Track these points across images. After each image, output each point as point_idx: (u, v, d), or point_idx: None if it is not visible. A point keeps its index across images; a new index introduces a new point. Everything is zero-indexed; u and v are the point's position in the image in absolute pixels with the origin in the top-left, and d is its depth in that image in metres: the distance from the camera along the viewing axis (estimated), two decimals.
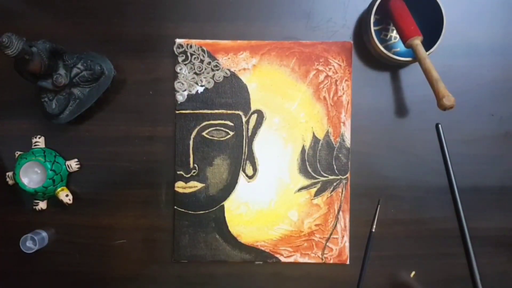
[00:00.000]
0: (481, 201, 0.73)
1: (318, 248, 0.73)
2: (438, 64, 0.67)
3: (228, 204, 0.73)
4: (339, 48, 0.72)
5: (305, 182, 0.72)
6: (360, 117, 0.73)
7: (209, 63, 0.72)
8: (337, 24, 0.72)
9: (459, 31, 0.72)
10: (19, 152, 0.73)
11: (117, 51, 0.72)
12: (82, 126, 0.73)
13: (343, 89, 0.72)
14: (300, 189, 0.72)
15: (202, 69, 0.72)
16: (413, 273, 0.74)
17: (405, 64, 0.71)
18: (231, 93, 0.72)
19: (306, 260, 0.73)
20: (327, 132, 0.72)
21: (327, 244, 0.73)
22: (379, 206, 0.73)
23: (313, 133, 0.72)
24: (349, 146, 0.72)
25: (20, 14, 0.73)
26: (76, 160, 0.73)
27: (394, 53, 0.69)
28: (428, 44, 0.66)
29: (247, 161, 0.72)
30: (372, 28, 0.66)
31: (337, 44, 0.72)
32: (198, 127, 0.72)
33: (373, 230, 0.73)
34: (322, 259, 0.73)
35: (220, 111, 0.72)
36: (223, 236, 0.72)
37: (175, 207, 0.72)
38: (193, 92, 0.72)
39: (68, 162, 0.72)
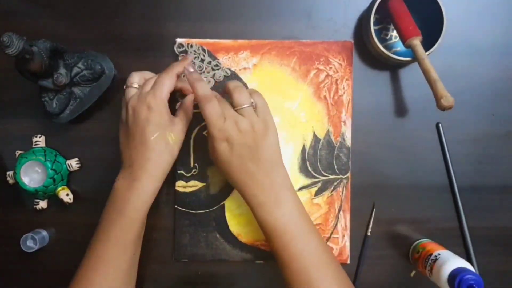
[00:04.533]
0: (482, 200, 0.74)
1: None
2: (439, 63, 0.67)
3: (229, 203, 0.73)
4: (339, 47, 0.72)
5: (306, 181, 0.72)
6: (360, 117, 0.73)
7: (209, 62, 0.72)
8: (337, 23, 0.72)
9: (459, 30, 0.72)
10: (19, 152, 0.73)
11: (117, 50, 0.72)
12: (83, 125, 0.73)
13: (343, 88, 0.72)
14: (300, 189, 0.72)
15: (203, 68, 0.72)
16: (413, 272, 0.74)
17: (405, 64, 0.71)
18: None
19: None
20: (328, 131, 0.72)
21: (328, 243, 0.73)
22: (374, 209, 0.73)
23: (314, 133, 0.72)
24: (349, 145, 0.72)
25: (20, 13, 0.73)
26: (76, 159, 0.73)
27: (395, 53, 0.69)
28: (429, 43, 0.66)
29: None
30: (372, 28, 0.66)
31: (338, 43, 0.72)
32: (199, 126, 0.72)
33: (369, 234, 0.73)
34: None
35: None
36: (224, 235, 0.72)
37: (176, 206, 0.72)
38: None
39: (68, 161, 0.72)
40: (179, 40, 0.72)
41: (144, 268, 0.73)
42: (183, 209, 0.72)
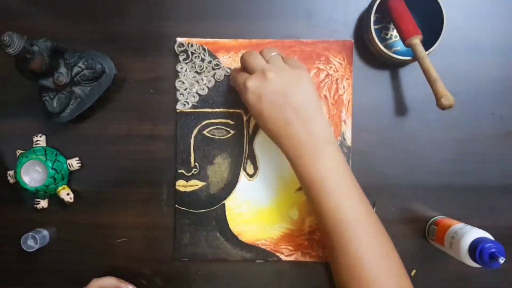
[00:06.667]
0: (482, 200, 0.73)
1: (319, 247, 0.73)
2: (439, 62, 0.67)
3: (229, 202, 0.73)
4: (340, 46, 0.72)
5: None
6: (360, 116, 0.73)
7: (210, 62, 0.72)
8: (337, 22, 0.72)
9: (459, 29, 0.72)
10: (20, 151, 0.73)
11: (118, 49, 0.72)
12: (83, 124, 0.73)
13: (343, 87, 0.72)
14: (301, 188, 0.72)
15: (203, 68, 0.72)
16: (413, 271, 0.74)
17: (405, 63, 0.71)
18: (232, 91, 0.72)
19: (307, 259, 0.73)
20: None
21: None
22: (374, 208, 0.73)
23: None
24: (350, 144, 0.72)
25: (21, 12, 0.73)
26: (77, 158, 0.73)
27: (395, 52, 0.69)
28: (429, 42, 0.66)
29: (248, 160, 0.73)
30: (372, 27, 0.67)
31: (338, 42, 0.72)
32: (199, 126, 0.72)
33: None
34: (323, 258, 0.73)
35: (221, 109, 0.72)
36: (224, 234, 0.73)
37: (176, 205, 0.73)
38: (194, 90, 0.72)
39: (69, 161, 0.72)
40: (179, 39, 0.72)
41: (145, 268, 0.74)
42: (184, 208, 0.72)
